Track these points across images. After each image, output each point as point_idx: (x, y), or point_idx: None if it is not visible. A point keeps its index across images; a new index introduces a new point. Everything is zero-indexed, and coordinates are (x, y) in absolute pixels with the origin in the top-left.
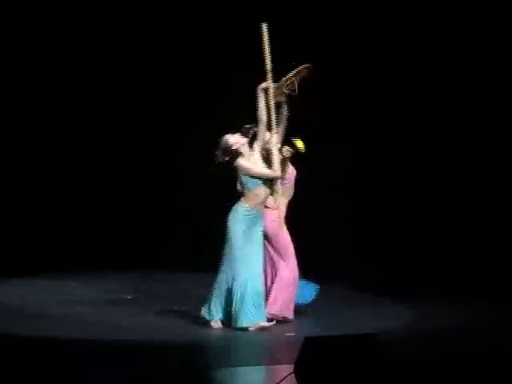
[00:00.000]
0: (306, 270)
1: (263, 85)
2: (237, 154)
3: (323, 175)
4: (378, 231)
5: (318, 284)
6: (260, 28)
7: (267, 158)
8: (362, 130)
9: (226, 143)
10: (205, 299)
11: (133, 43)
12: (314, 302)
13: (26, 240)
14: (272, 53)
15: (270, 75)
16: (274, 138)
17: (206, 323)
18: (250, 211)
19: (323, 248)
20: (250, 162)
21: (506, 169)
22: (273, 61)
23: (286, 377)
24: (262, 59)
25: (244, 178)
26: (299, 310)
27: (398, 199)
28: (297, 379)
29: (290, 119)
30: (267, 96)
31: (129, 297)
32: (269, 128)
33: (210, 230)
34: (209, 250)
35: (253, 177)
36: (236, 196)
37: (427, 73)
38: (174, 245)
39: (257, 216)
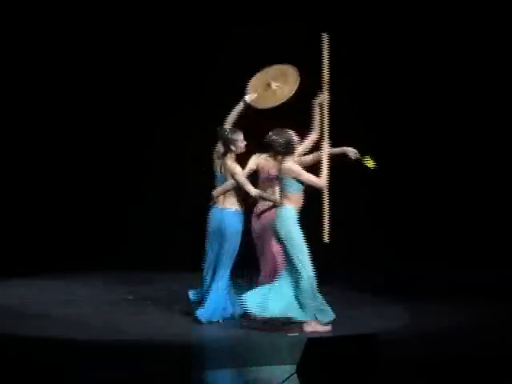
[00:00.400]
0: None
1: (319, 100)
2: (291, 153)
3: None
4: (378, 231)
5: None
6: (321, 38)
7: None
8: (362, 129)
9: (291, 138)
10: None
11: (133, 43)
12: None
13: (27, 240)
14: (271, 52)
15: (326, 87)
16: (325, 148)
17: (206, 324)
18: (296, 213)
19: (323, 248)
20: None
21: (506, 168)
22: (265, 60)
23: (288, 377)
24: (267, 59)
25: (289, 181)
26: None
27: (398, 199)
28: (299, 379)
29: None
30: (322, 108)
31: (130, 297)
32: (321, 136)
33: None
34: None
35: (298, 181)
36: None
37: (427, 73)
38: (174, 245)
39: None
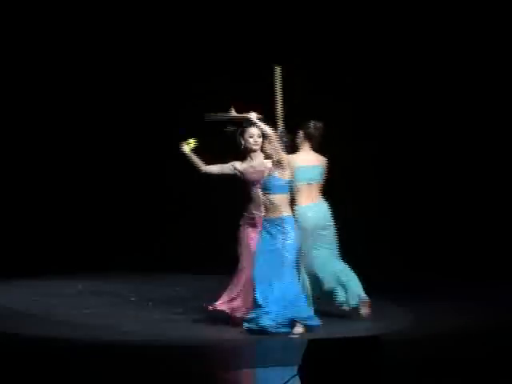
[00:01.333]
0: None
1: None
2: None
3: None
4: (379, 232)
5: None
6: (273, 71)
7: None
8: (363, 131)
9: None
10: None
11: (139, 48)
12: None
13: (28, 241)
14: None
15: (280, 122)
16: None
17: (207, 324)
18: None
19: None
20: None
21: (504, 179)
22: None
23: (289, 379)
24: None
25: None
26: None
27: (399, 201)
28: (301, 381)
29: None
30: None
31: (132, 298)
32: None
33: (211, 230)
34: (209, 250)
35: None
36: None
37: (427, 76)
38: (173, 245)
39: None
